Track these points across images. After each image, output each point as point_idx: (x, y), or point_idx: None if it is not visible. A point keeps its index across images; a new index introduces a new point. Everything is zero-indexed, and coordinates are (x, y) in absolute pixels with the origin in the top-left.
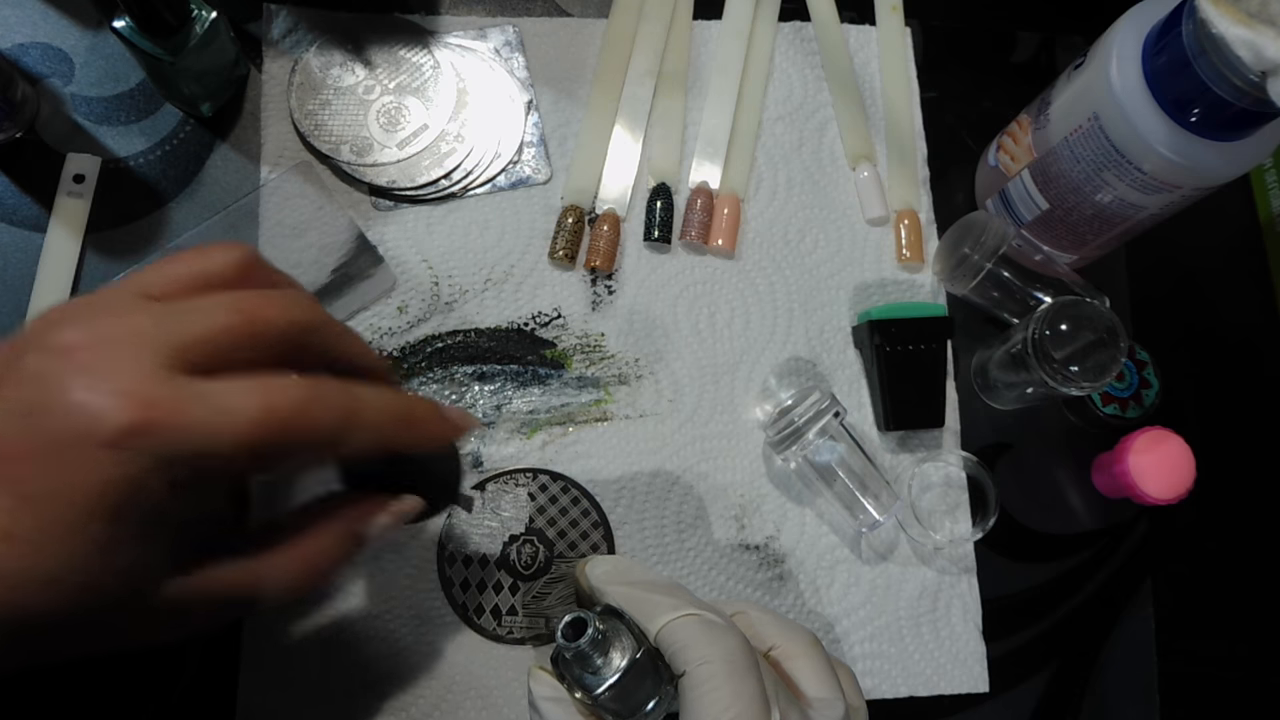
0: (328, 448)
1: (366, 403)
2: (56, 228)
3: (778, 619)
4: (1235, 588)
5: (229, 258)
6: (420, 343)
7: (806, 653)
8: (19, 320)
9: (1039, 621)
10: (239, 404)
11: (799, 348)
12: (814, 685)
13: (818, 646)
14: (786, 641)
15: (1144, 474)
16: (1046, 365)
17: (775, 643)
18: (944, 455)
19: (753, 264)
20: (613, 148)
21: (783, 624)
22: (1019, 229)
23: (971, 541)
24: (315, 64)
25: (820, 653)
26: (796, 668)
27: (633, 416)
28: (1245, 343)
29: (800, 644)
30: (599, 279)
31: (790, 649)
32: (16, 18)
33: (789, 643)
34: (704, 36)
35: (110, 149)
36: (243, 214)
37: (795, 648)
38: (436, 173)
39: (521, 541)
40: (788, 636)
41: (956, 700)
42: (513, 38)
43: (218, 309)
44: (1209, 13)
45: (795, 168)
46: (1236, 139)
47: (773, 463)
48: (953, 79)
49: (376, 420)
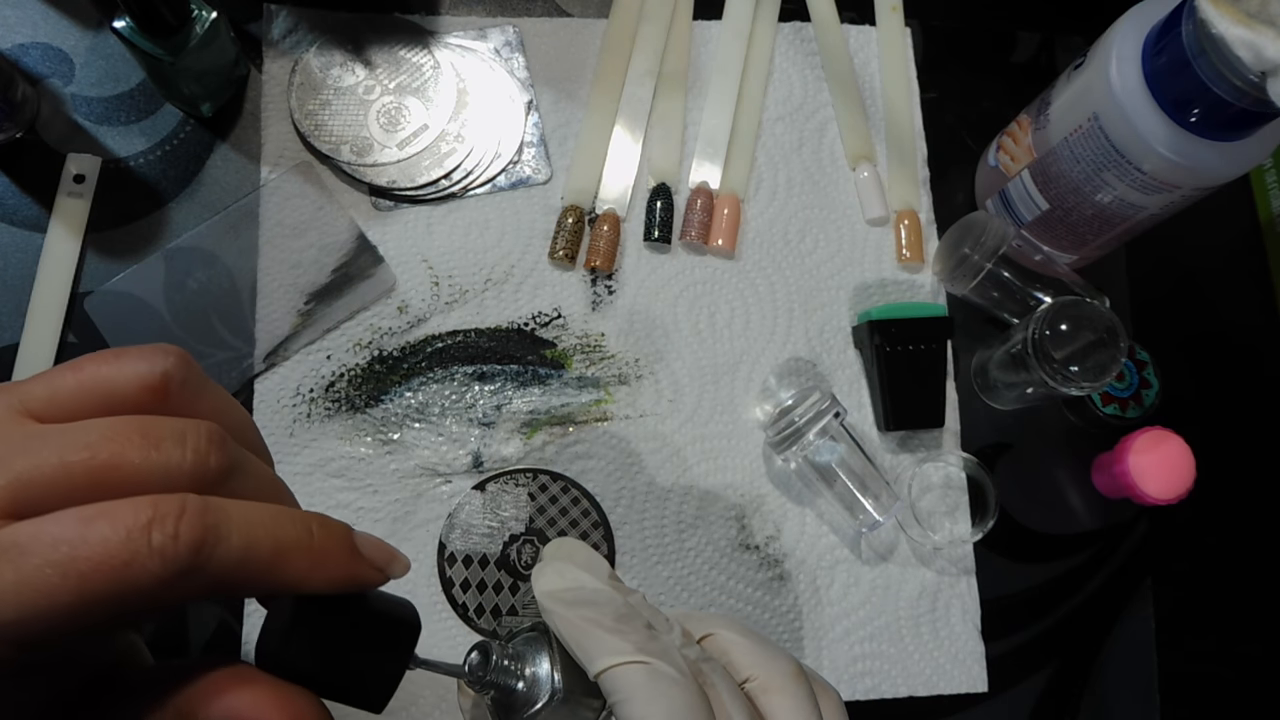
0: (169, 588)
1: (233, 520)
2: (56, 228)
3: (757, 643)
4: (1235, 587)
5: (143, 373)
6: (420, 343)
7: (785, 686)
8: (19, 320)
9: (1039, 621)
10: (44, 555)
11: (799, 348)
12: None
13: (800, 679)
14: (765, 673)
15: (1144, 474)
16: (1046, 365)
17: (751, 673)
18: (944, 456)
19: (753, 264)
20: (613, 148)
21: (761, 650)
22: (1019, 229)
23: (971, 542)
24: (315, 64)
25: (801, 686)
26: (772, 704)
27: (633, 416)
28: (1245, 343)
29: (781, 676)
30: (599, 279)
31: (768, 681)
32: (16, 18)
33: (768, 675)
34: (704, 36)
35: (110, 149)
36: (243, 214)
37: (775, 680)
38: (436, 173)
39: (521, 541)
40: (767, 667)
41: (956, 700)
42: (513, 38)
43: (89, 440)
44: (1209, 13)
45: (795, 168)
46: (1236, 139)
47: (773, 463)
48: (953, 79)
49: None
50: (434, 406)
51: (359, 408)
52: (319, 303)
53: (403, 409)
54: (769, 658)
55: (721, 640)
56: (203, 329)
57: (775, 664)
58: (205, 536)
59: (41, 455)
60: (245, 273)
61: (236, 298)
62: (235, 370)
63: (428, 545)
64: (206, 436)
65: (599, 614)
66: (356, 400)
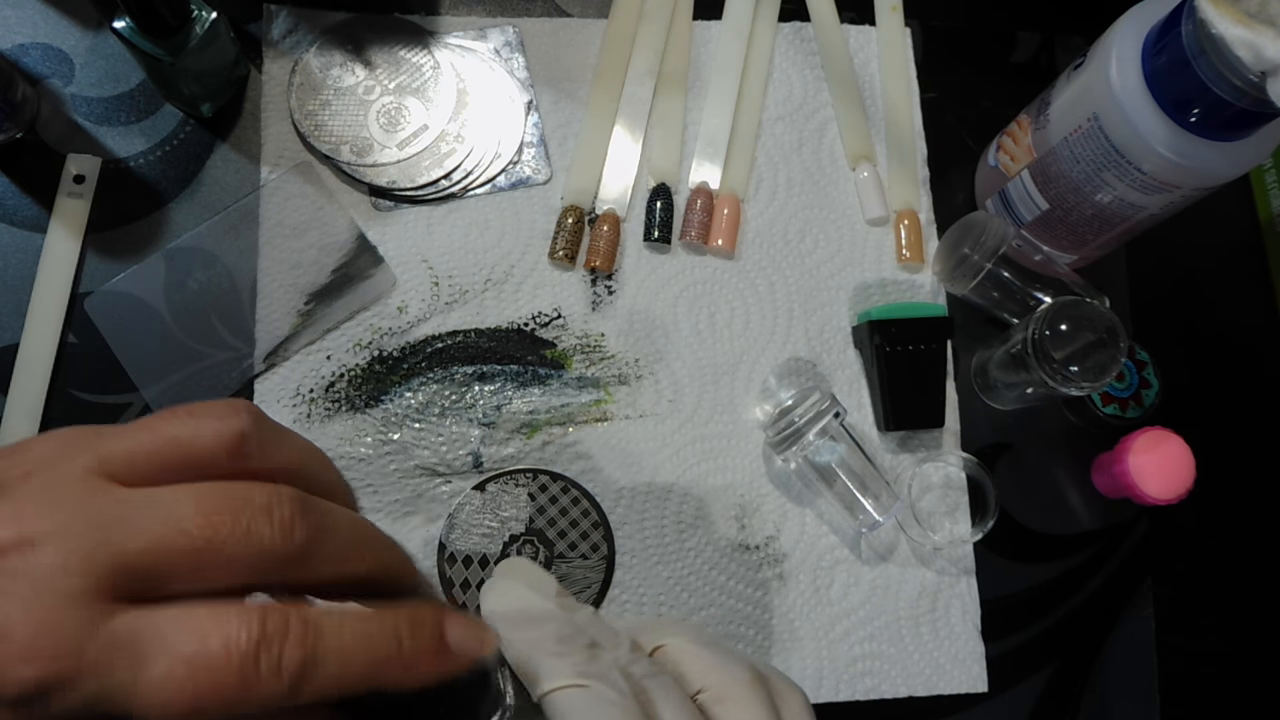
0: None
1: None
2: (56, 228)
3: (711, 651)
4: (1235, 587)
5: (221, 434)
6: (420, 343)
7: (739, 695)
8: (19, 321)
9: (1039, 621)
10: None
11: (799, 348)
12: None
13: (755, 685)
14: (718, 682)
15: (1144, 474)
16: (1046, 365)
17: (704, 683)
18: (944, 456)
19: (753, 264)
20: (613, 148)
21: (715, 658)
22: (1019, 229)
23: (971, 542)
24: (315, 64)
25: (756, 692)
26: (727, 714)
27: (633, 417)
28: (1245, 343)
29: (735, 684)
30: (599, 279)
31: (723, 690)
32: (16, 18)
33: (721, 683)
34: (704, 36)
35: (110, 149)
36: (243, 214)
37: (729, 689)
38: (436, 173)
39: (521, 541)
40: (720, 675)
41: (956, 700)
42: (513, 38)
43: (182, 518)
44: (1209, 13)
45: (795, 168)
46: (1236, 139)
47: (773, 463)
48: (953, 79)
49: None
50: (434, 407)
51: (359, 408)
52: (319, 303)
53: (403, 409)
54: (722, 665)
55: (673, 651)
56: (203, 329)
57: (729, 672)
58: (305, 663)
59: (138, 531)
60: (245, 273)
61: (236, 298)
62: (235, 370)
63: (428, 545)
64: (289, 508)
65: (542, 635)
66: (356, 400)
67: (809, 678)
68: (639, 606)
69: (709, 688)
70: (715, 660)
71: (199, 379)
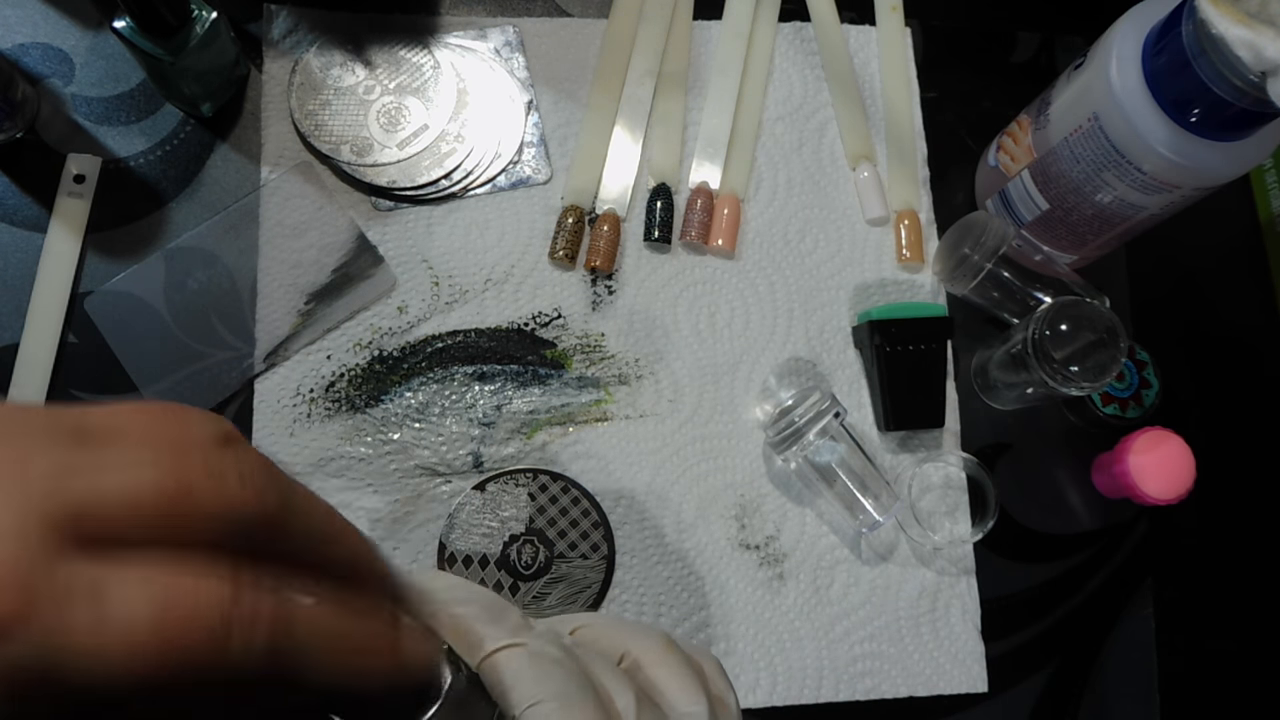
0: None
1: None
2: (57, 228)
3: (623, 624)
4: (1235, 587)
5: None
6: (420, 343)
7: (660, 659)
8: (19, 321)
9: (1039, 621)
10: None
11: (799, 348)
12: (672, 690)
13: (671, 649)
14: (637, 649)
15: (1144, 474)
16: (1046, 365)
17: (624, 649)
18: (944, 456)
19: (753, 264)
20: (613, 148)
21: (629, 629)
22: (1019, 229)
23: (971, 542)
24: (315, 64)
25: (674, 655)
26: (653, 677)
27: (633, 416)
28: (1245, 343)
29: (651, 650)
30: (599, 279)
31: (642, 657)
32: (17, 18)
33: (640, 649)
34: (704, 37)
35: (110, 149)
36: (243, 214)
37: (647, 655)
38: (436, 173)
39: (521, 541)
40: (637, 643)
41: (956, 700)
42: (513, 38)
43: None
44: (1209, 13)
45: (795, 168)
46: (1236, 139)
47: (773, 463)
48: (953, 79)
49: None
50: (434, 406)
51: (359, 408)
52: (319, 303)
53: (403, 409)
54: (638, 634)
55: (588, 630)
56: (203, 329)
57: (645, 640)
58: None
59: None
60: (245, 273)
61: (236, 298)
62: (235, 370)
63: (428, 545)
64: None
65: (479, 608)
66: (356, 400)
67: (809, 678)
68: (639, 606)
69: (629, 654)
70: (633, 633)
71: (199, 378)
